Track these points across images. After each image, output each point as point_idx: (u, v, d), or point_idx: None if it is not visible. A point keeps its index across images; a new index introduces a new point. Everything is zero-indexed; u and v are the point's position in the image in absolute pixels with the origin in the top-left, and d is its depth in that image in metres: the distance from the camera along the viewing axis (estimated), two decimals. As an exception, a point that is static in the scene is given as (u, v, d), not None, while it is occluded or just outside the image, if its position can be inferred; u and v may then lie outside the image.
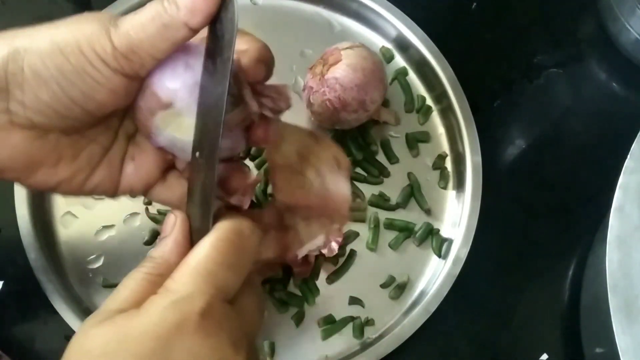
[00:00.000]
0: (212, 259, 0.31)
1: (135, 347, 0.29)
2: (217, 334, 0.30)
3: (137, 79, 0.35)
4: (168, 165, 0.40)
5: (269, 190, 0.56)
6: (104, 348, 0.29)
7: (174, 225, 0.34)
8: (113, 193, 0.40)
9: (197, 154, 0.35)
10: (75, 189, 0.38)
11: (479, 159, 0.57)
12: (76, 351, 0.30)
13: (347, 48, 0.54)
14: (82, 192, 0.39)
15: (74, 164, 0.37)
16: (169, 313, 0.29)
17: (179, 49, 0.35)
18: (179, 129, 0.36)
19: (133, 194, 0.40)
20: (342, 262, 0.55)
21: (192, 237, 0.34)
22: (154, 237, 0.54)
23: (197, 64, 0.35)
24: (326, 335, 0.52)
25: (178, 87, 0.35)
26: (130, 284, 0.32)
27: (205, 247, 0.32)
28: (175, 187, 0.40)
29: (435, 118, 0.60)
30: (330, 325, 0.53)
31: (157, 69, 0.35)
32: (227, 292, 0.32)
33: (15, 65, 0.33)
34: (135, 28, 0.33)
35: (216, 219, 0.34)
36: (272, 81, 0.60)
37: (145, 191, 0.40)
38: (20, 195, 0.53)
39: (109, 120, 0.38)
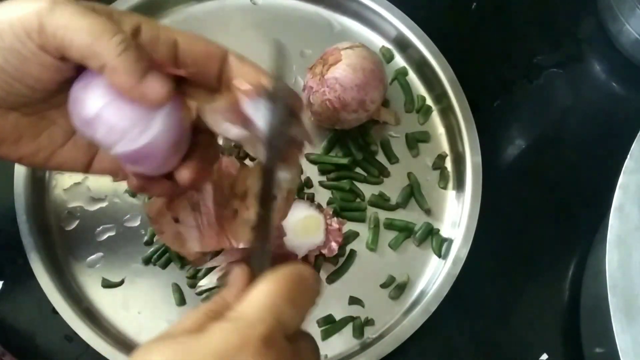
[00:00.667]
0: (275, 292, 0.32)
1: None
2: None
3: (66, 60, 0.36)
4: None
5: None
6: None
7: (238, 275, 0.35)
8: (85, 171, 0.42)
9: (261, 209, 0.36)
10: (40, 163, 0.41)
11: (479, 159, 0.57)
12: None
13: (347, 48, 0.54)
14: (48, 167, 0.42)
15: (35, 142, 0.40)
16: (231, 335, 0.30)
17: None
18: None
19: (111, 174, 0.43)
20: (342, 262, 0.55)
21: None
22: (153, 237, 0.54)
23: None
24: (326, 335, 0.52)
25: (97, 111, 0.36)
26: (191, 316, 0.32)
27: (269, 282, 0.32)
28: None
29: (435, 118, 0.60)
30: (330, 325, 0.53)
31: (82, 79, 0.36)
32: (287, 327, 0.32)
33: None
34: (68, 21, 0.34)
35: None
36: (272, 81, 0.60)
37: (117, 172, 0.42)
38: (20, 195, 0.53)
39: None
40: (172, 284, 0.53)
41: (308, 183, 0.57)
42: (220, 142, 0.56)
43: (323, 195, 0.56)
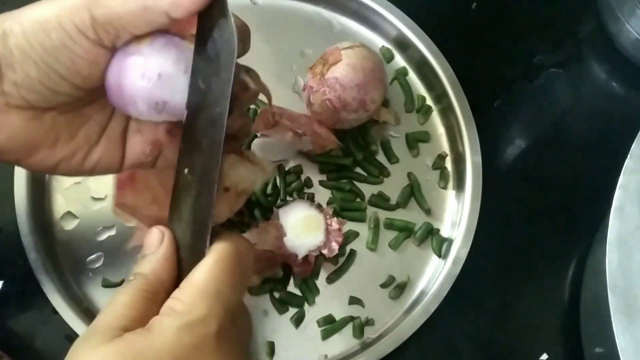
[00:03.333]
0: (219, 279, 0.31)
1: None
2: (229, 353, 0.30)
3: (114, 50, 0.35)
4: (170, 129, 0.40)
5: (269, 190, 0.56)
6: None
7: (161, 240, 0.34)
8: (118, 169, 0.40)
9: (186, 170, 0.34)
10: (76, 167, 0.39)
11: (479, 159, 0.57)
12: None
13: (347, 48, 0.54)
14: (83, 170, 0.39)
15: (72, 142, 0.38)
16: (185, 334, 0.29)
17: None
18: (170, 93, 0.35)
19: (143, 166, 0.40)
20: (342, 262, 0.55)
21: (180, 254, 0.33)
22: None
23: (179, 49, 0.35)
24: (326, 335, 0.52)
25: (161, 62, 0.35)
26: (125, 300, 0.31)
27: (211, 267, 0.31)
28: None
29: (435, 118, 0.60)
30: (330, 325, 0.53)
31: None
32: (232, 311, 0.32)
33: (4, 47, 0.34)
34: (117, 2, 0.34)
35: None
36: (272, 81, 0.60)
37: (154, 162, 0.40)
38: (20, 195, 0.53)
39: (103, 98, 0.38)
40: (172, 284, 0.53)
41: (308, 183, 0.57)
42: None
43: (323, 195, 0.56)
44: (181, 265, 0.34)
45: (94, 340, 0.30)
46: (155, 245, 0.34)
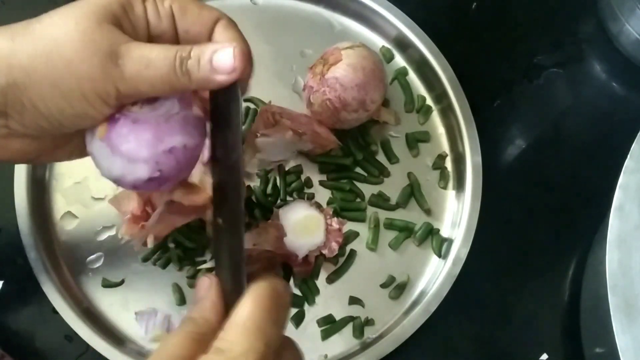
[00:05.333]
0: (258, 316, 0.32)
1: None
2: None
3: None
4: None
5: (269, 190, 0.56)
6: None
7: (209, 287, 0.35)
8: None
9: (219, 219, 0.37)
10: (74, 158, 0.42)
11: (479, 159, 0.57)
12: None
13: (347, 48, 0.54)
14: (80, 157, 0.42)
15: (69, 146, 0.41)
16: None
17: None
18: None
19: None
20: (342, 262, 0.55)
21: (226, 298, 0.35)
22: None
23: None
24: (326, 335, 0.52)
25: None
26: (175, 341, 0.32)
27: (249, 305, 0.32)
28: None
29: (435, 118, 0.60)
30: (330, 325, 0.53)
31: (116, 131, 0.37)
32: (274, 347, 0.32)
33: (14, 97, 0.35)
34: (143, 69, 0.35)
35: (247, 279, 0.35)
36: (272, 81, 0.60)
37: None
38: (20, 195, 0.53)
39: None
40: (172, 284, 0.53)
41: (308, 183, 0.57)
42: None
43: (323, 195, 0.56)
44: (227, 308, 0.35)
45: None
46: (204, 292, 0.35)
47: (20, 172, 0.54)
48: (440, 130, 0.60)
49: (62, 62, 0.34)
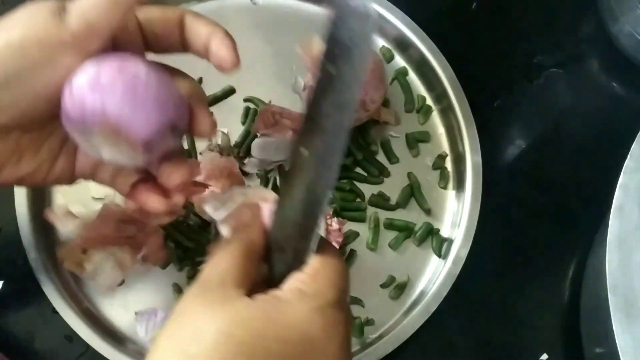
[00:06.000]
0: (342, 276, 0.34)
1: (281, 333, 0.30)
2: (347, 341, 0.33)
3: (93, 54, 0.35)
4: None
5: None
6: (250, 322, 0.30)
7: (256, 216, 0.36)
8: (71, 181, 0.40)
9: (306, 152, 0.34)
10: (39, 181, 0.38)
11: (479, 159, 0.57)
12: (215, 316, 0.30)
13: (347, 48, 0.54)
14: (45, 184, 0.39)
15: (36, 158, 0.38)
16: (318, 316, 0.31)
17: (107, 54, 0.34)
18: (117, 147, 0.34)
19: (85, 178, 0.41)
20: (342, 262, 0.55)
21: (285, 230, 0.35)
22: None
23: (134, 69, 0.34)
24: (326, 335, 0.52)
25: (105, 95, 0.33)
26: (227, 256, 0.33)
27: (337, 263, 0.34)
28: (110, 168, 0.40)
29: (435, 118, 0.60)
30: (330, 325, 0.53)
31: (81, 71, 0.34)
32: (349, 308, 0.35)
33: None
34: (89, 8, 0.34)
35: None
36: (272, 81, 0.60)
37: (93, 174, 0.41)
38: (20, 195, 0.53)
39: None
40: (172, 284, 0.53)
41: (308, 183, 0.56)
42: (219, 140, 0.56)
43: (323, 195, 0.56)
44: (282, 241, 0.35)
45: (217, 294, 0.31)
46: (251, 219, 0.36)
47: (20, 172, 0.54)
48: (440, 130, 0.60)
49: (16, 20, 0.34)
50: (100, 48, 0.35)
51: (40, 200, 0.55)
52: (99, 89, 0.33)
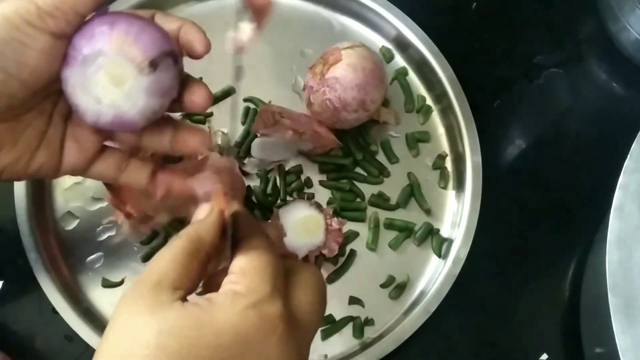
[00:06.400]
0: (270, 262, 0.32)
1: (213, 339, 0.29)
2: (293, 338, 0.32)
3: (64, 38, 0.35)
4: (105, 139, 0.41)
5: (269, 190, 0.56)
6: (180, 332, 0.29)
7: (210, 212, 0.35)
8: (55, 174, 0.41)
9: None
10: (20, 173, 0.39)
11: (479, 159, 0.57)
12: (144, 327, 0.29)
13: (347, 48, 0.54)
14: (26, 175, 0.40)
15: (15, 150, 0.38)
16: (250, 313, 0.30)
17: (103, 14, 0.35)
18: (120, 86, 0.35)
19: (75, 173, 0.41)
20: (342, 262, 0.55)
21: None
22: (151, 237, 0.54)
23: (124, 23, 0.35)
24: (326, 335, 0.52)
25: (104, 41, 0.34)
26: (168, 256, 0.32)
27: (262, 250, 0.33)
28: (111, 162, 0.41)
29: (435, 118, 0.60)
30: (330, 325, 0.53)
31: (80, 30, 0.35)
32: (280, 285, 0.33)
33: None
34: None
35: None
36: (272, 81, 0.60)
37: (85, 169, 0.41)
38: (20, 195, 0.53)
39: (42, 105, 0.38)
40: (172, 284, 0.53)
41: (308, 183, 0.57)
42: (219, 141, 0.56)
43: (323, 195, 0.56)
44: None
45: (148, 301, 0.30)
46: (202, 215, 0.35)
47: (20, 172, 0.54)
48: (440, 130, 0.60)
49: None
50: (70, 31, 0.35)
51: (40, 200, 0.55)
52: (106, 21, 0.35)
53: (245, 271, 0.32)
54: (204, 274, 0.34)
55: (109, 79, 0.35)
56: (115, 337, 0.30)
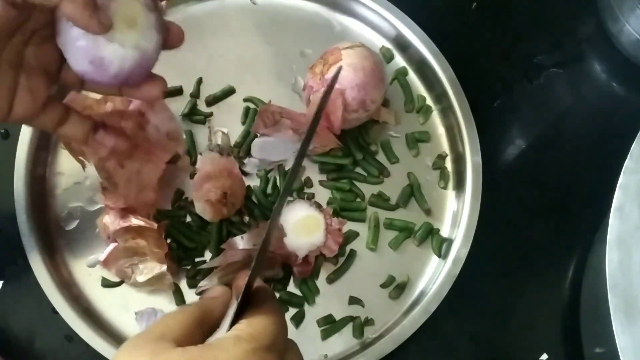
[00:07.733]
0: (277, 323, 0.34)
1: None
2: None
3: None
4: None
5: (269, 190, 0.56)
6: None
7: (227, 291, 0.38)
8: (1, 120, 0.41)
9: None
10: (2, 117, 0.40)
11: (479, 159, 0.57)
12: None
13: (347, 47, 0.54)
14: (9, 120, 0.41)
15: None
16: (252, 356, 0.32)
17: None
18: (135, 33, 0.38)
19: (21, 121, 0.42)
20: (342, 262, 0.55)
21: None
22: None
23: None
24: (326, 335, 0.52)
25: None
26: (179, 318, 0.34)
27: (272, 311, 0.34)
28: (54, 114, 0.43)
29: (435, 118, 0.60)
30: (330, 325, 0.53)
31: None
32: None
33: None
34: None
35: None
36: (272, 81, 0.60)
37: (33, 118, 0.42)
38: (20, 195, 0.53)
39: None
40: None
41: (308, 183, 0.57)
42: (219, 140, 0.56)
43: (323, 195, 0.56)
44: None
45: (149, 348, 0.31)
46: (218, 293, 0.38)
47: (20, 172, 0.54)
48: (440, 130, 0.60)
49: None
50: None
51: (40, 200, 0.55)
52: None
53: (252, 323, 0.33)
54: (203, 342, 0.35)
55: (124, 22, 0.37)
56: None
